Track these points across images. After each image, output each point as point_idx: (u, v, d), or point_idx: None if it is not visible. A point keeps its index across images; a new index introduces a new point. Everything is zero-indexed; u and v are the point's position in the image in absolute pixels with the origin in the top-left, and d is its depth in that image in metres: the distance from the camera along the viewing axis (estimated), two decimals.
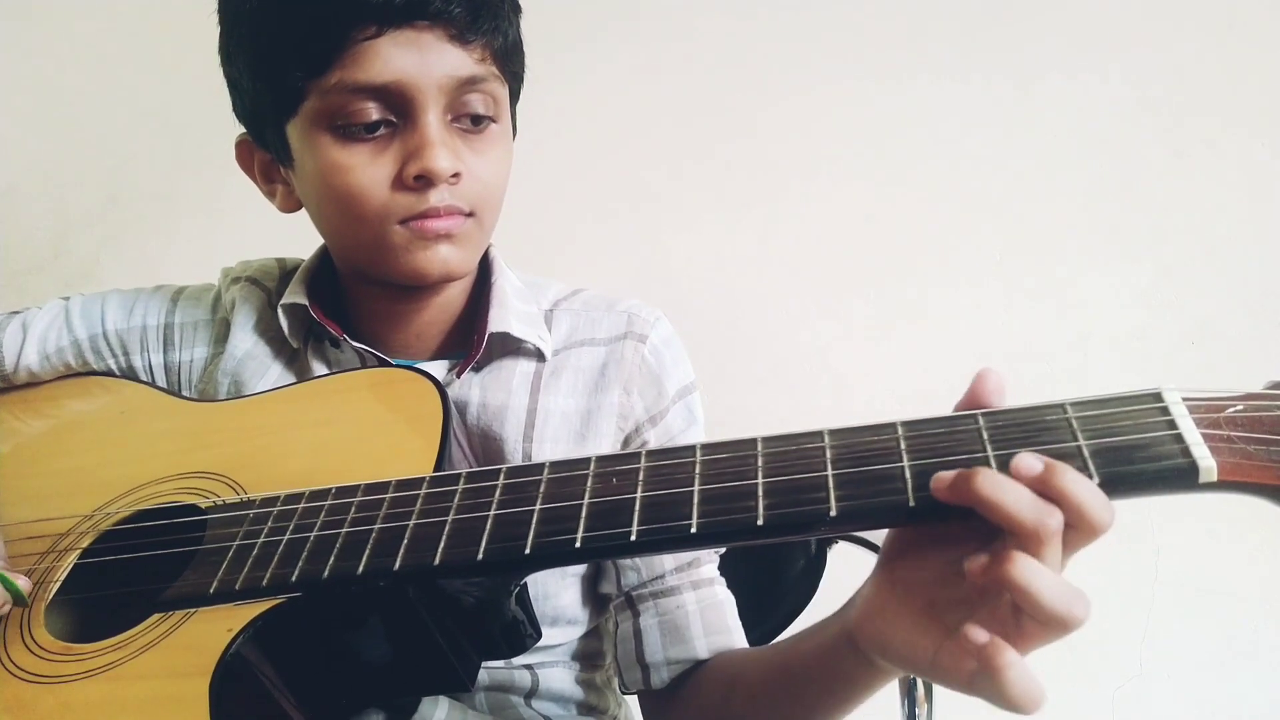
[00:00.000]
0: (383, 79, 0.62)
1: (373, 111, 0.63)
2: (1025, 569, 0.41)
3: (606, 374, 0.73)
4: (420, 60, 0.63)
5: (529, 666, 0.75)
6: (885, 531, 0.91)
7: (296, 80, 0.64)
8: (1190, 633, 1.15)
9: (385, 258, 0.67)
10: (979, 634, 0.44)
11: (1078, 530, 0.43)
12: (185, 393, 0.76)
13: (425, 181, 0.64)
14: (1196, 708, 1.16)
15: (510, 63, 0.69)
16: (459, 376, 0.72)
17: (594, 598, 0.77)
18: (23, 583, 0.59)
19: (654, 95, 1.26)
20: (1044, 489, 0.42)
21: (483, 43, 0.65)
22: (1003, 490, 0.42)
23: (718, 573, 0.75)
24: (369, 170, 0.64)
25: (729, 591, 0.76)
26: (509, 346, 0.73)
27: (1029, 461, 0.43)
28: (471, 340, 0.72)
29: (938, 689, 0.79)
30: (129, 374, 0.78)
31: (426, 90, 0.63)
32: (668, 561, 0.73)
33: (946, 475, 0.44)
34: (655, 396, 0.74)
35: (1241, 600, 1.14)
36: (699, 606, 0.72)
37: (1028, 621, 0.43)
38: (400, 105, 0.64)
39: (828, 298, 1.22)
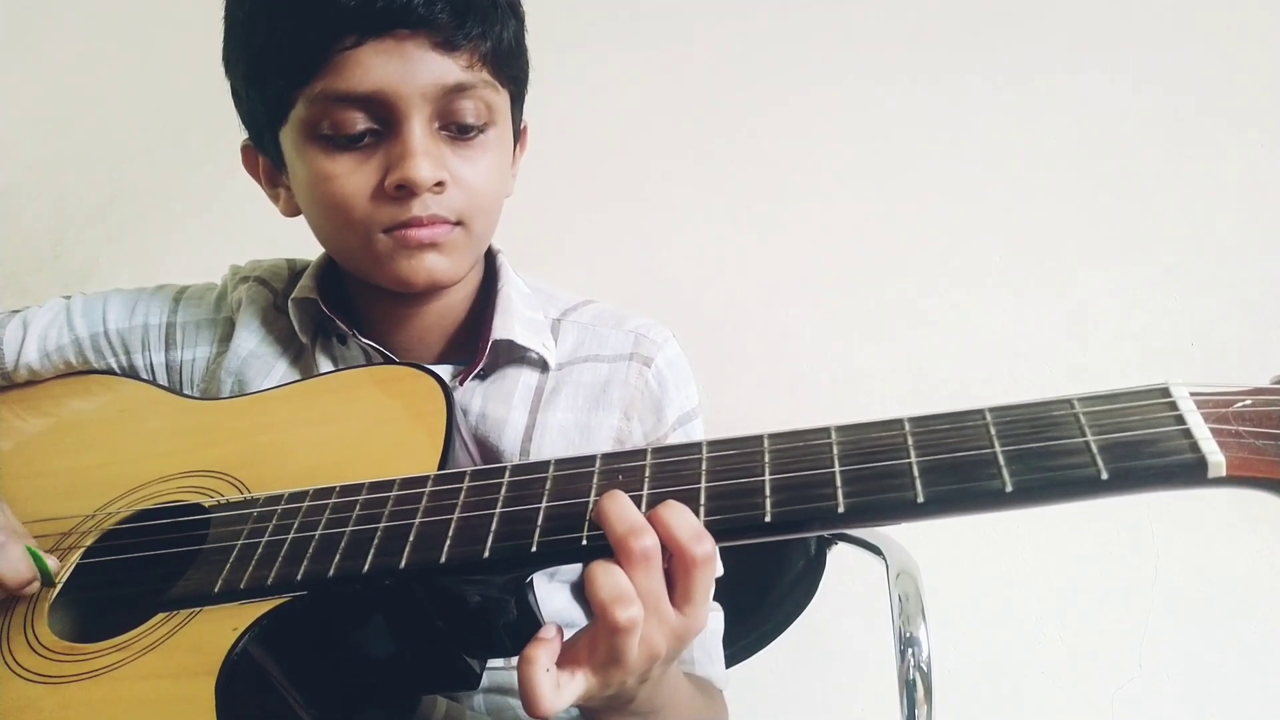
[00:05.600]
0: (364, 88, 0.62)
1: (357, 121, 0.63)
2: (600, 564, 0.47)
3: (609, 393, 0.73)
4: (403, 69, 0.62)
5: None
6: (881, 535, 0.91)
7: (284, 89, 0.64)
8: (1190, 633, 1.16)
9: (372, 265, 0.67)
10: (548, 629, 0.50)
11: (677, 559, 0.46)
12: (187, 392, 0.76)
13: (406, 191, 0.63)
14: (1196, 708, 1.16)
15: (507, 68, 0.68)
16: (462, 384, 0.72)
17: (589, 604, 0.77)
18: (52, 562, 0.59)
19: (653, 96, 1.26)
20: (649, 516, 0.47)
21: (471, 48, 0.63)
22: (613, 502, 0.48)
23: (713, 599, 0.75)
24: (353, 179, 0.64)
25: (721, 619, 0.76)
26: (513, 354, 0.73)
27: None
28: (475, 348, 0.72)
29: (938, 689, 0.80)
30: (130, 373, 0.78)
31: (409, 99, 0.62)
32: None
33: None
34: (654, 424, 0.74)
35: (1241, 601, 1.14)
36: None
37: (595, 620, 0.47)
38: (384, 114, 0.63)
39: (828, 298, 1.22)
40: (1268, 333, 1.12)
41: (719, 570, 0.49)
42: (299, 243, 0.79)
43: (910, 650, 0.81)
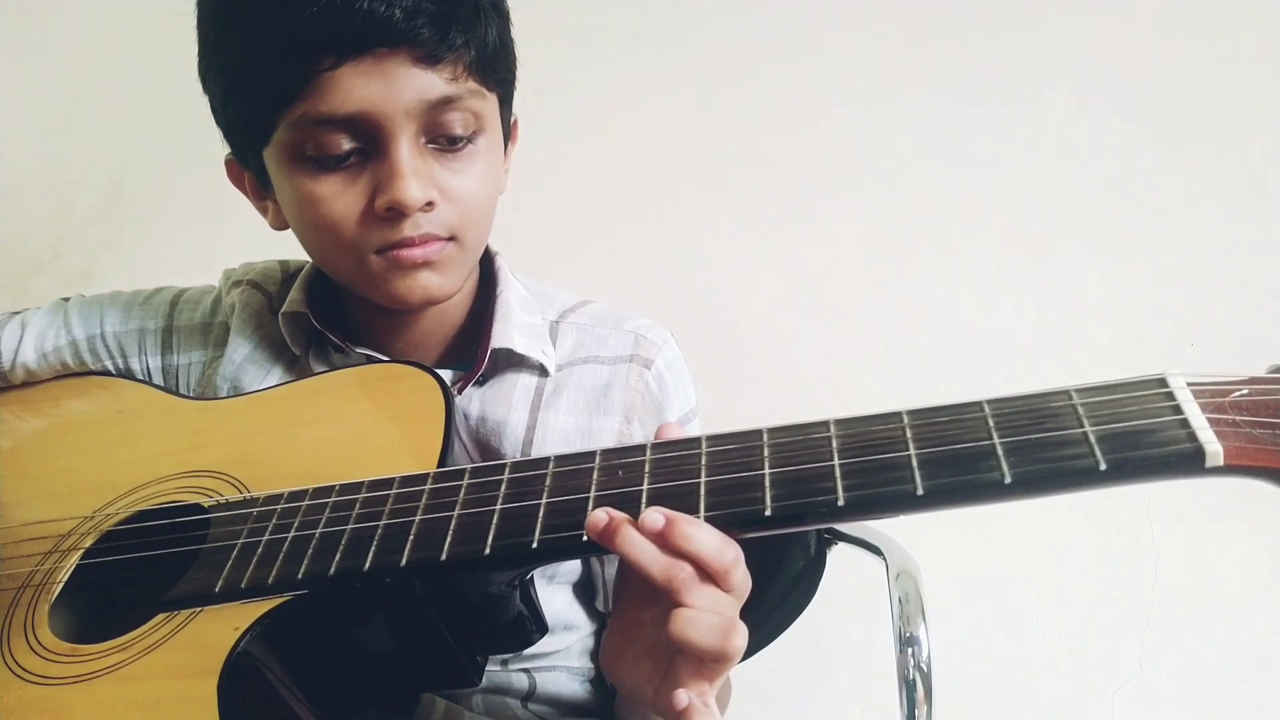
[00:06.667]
0: (346, 110, 0.59)
1: (342, 142, 0.61)
2: (679, 623, 0.47)
3: (609, 396, 0.72)
4: (384, 88, 0.59)
5: (526, 670, 0.75)
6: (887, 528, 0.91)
7: (264, 112, 0.62)
8: (1190, 633, 1.16)
9: (366, 284, 0.66)
10: (680, 699, 0.49)
11: (717, 576, 0.47)
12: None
13: (396, 213, 0.62)
14: (1196, 708, 1.16)
15: (494, 71, 0.66)
16: (461, 391, 0.71)
17: (590, 603, 0.77)
18: None
19: (654, 97, 1.26)
20: (665, 545, 0.47)
21: (454, 59, 0.61)
22: (636, 548, 0.47)
23: None
24: (341, 201, 0.63)
25: None
26: (512, 360, 0.72)
27: (652, 518, 0.47)
28: (473, 353, 0.72)
29: (938, 689, 0.80)
30: (127, 376, 0.77)
31: (394, 118, 0.60)
32: None
33: (599, 519, 0.48)
34: (655, 425, 0.73)
35: (1241, 601, 1.14)
36: None
37: (706, 659, 0.48)
38: (369, 134, 0.61)
39: (828, 298, 1.22)
40: (1267, 333, 1.12)
41: None
42: (299, 243, 0.79)
43: (910, 650, 0.81)
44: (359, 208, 0.63)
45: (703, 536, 0.47)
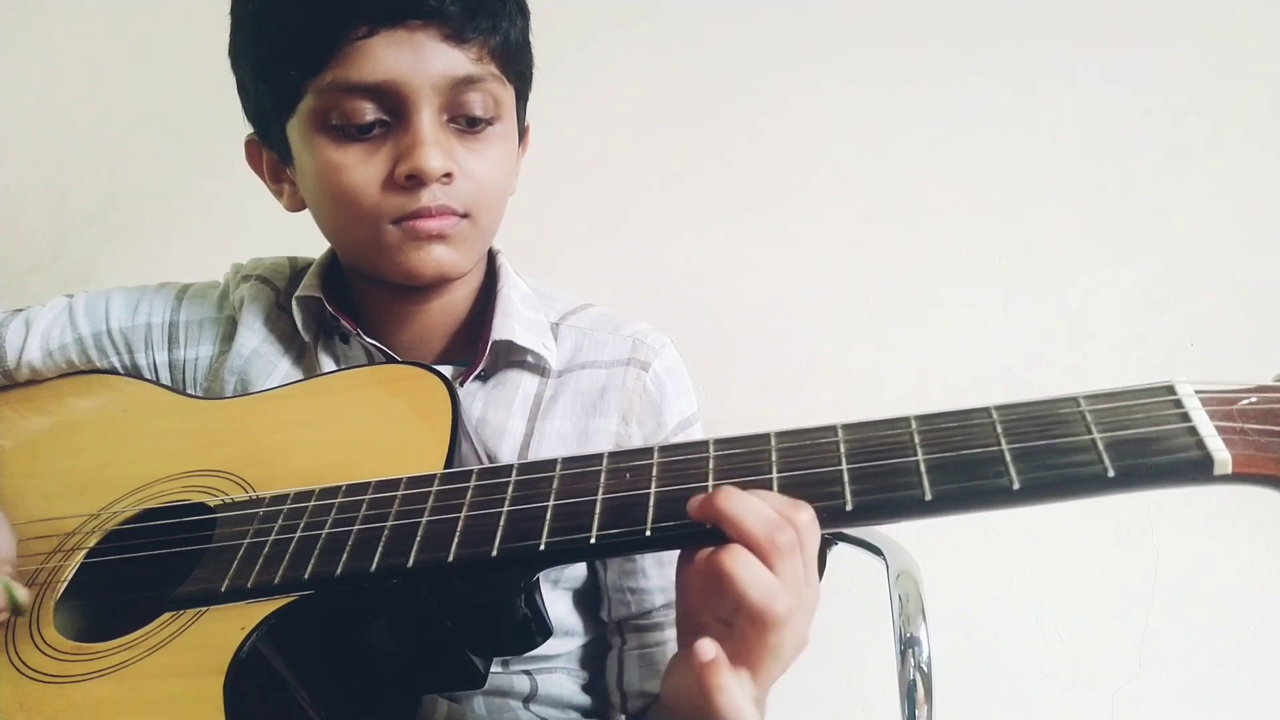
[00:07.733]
0: (375, 78, 0.62)
1: (367, 111, 0.63)
2: (737, 559, 0.45)
3: (606, 398, 0.73)
4: (414, 59, 0.62)
5: (527, 672, 0.75)
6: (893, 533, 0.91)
7: (294, 80, 0.64)
8: (1190, 634, 1.16)
9: (380, 257, 0.67)
10: (706, 649, 0.46)
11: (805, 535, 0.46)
12: (190, 391, 0.76)
13: (416, 181, 0.64)
14: (1196, 708, 1.16)
15: (514, 63, 0.68)
16: (462, 385, 0.72)
17: (591, 610, 0.77)
18: (24, 594, 0.59)
19: (655, 99, 1.26)
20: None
21: (480, 41, 0.64)
22: (741, 503, 0.46)
23: None
24: (362, 169, 0.64)
25: None
26: (514, 356, 0.73)
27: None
28: (477, 347, 0.72)
29: (938, 689, 0.80)
30: (133, 372, 0.78)
31: (419, 89, 0.63)
32: (658, 598, 0.73)
33: (698, 498, 0.47)
34: (654, 428, 0.74)
35: (1241, 601, 1.15)
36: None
37: (742, 621, 0.46)
38: (394, 105, 0.64)
39: (828, 300, 1.22)
40: (1267, 332, 1.12)
41: None
42: (299, 242, 0.79)
43: (911, 650, 0.81)
44: (380, 176, 0.64)
45: (774, 496, 0.47)
